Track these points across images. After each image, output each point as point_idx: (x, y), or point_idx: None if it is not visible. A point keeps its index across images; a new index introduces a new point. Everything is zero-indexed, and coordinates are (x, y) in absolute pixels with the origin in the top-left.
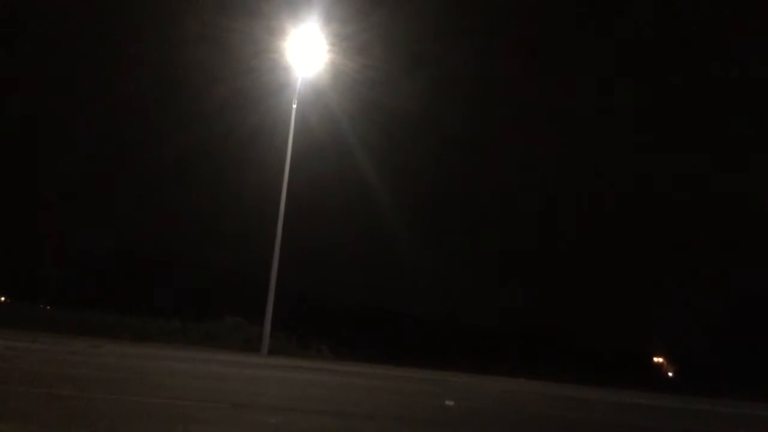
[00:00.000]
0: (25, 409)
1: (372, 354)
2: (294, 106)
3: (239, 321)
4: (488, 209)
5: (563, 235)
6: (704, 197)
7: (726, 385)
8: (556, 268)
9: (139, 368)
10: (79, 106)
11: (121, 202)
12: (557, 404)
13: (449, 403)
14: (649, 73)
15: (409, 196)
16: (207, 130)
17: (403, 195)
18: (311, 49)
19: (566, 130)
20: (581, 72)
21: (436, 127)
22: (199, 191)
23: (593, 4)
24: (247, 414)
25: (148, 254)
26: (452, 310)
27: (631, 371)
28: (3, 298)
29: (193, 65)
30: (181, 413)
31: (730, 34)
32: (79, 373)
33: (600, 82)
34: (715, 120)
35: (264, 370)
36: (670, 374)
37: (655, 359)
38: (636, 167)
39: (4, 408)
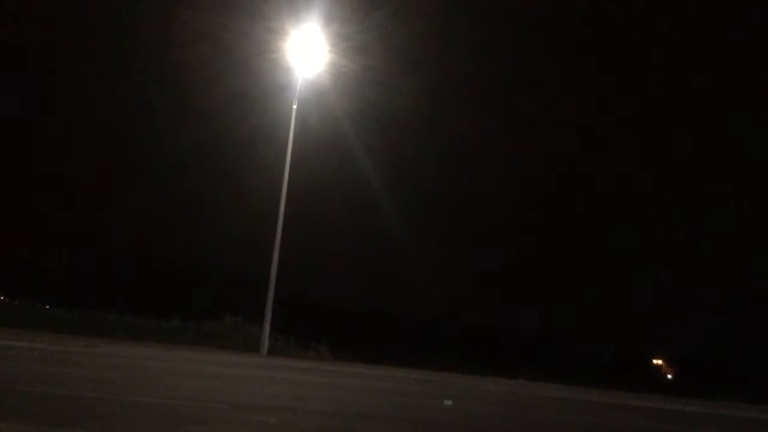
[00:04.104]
0: (24, 409)
1: (371, 354)
2: (294, 106)
3: (239, 321)
4: (488, 209)
5: (563, 236)
6: (703, 197)
7: (726, 387)
8: (555, 268)
9: (139, 368)
10: (79, 106)
11: (122, 201)
12: (555, 405)
13: (448, 402)
14: (650, 74)
15: (409, 196)
16: (207, 130)
17: (403, 195)
18: (311, 49)
19: (567, 130)
20: (582, 72)
21: (437, 128)
22: (199, 191)
23: (593, 4)
24: (246, 414)
25: (148, 254)
26: (451, 311)
27: (630, 373)
28: (2, 297)
29: (193, 66)
30: (181, 413)
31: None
32: (79, 372)
33: (601, 82)
34: (708, 125)
35: (263, 370)
36: (670, 376)
37: (655, 361)
38: (636, 167)
39: (4, 408)
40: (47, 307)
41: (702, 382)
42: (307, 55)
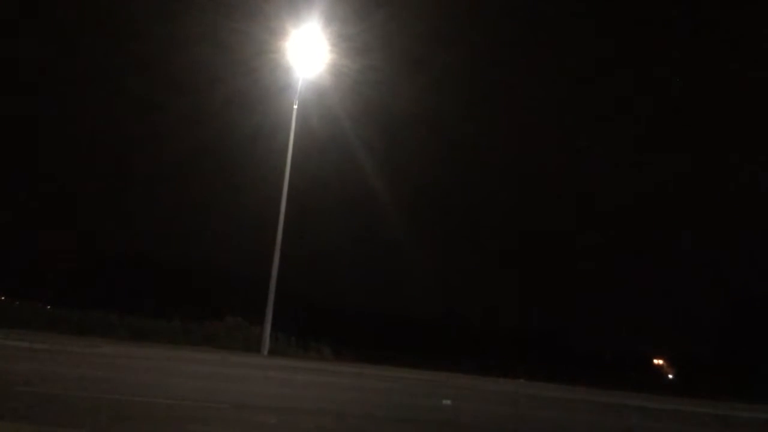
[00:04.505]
0: (24, 409)
1: (371, 354)
2: (295, 106)
3: (239, 321)
4: (488, 210)
5: (563, 236)
6: (703, 197)
7: (727, 386)
8: (556, 268)
9: (140, 368)
10: (80, 107)
11: (122, 202)
12: (557, 405)
13: (446, 402)
14: (650, 73)
15: (409, 196)
16: (208, 130)
17: (403, 195)
18: (312, 49)
19: (567, 130)
20: (582, 72)
21: (437, 128)
22: (200, 191)
23: (594, 4)
24: (247, 414)
25: (148, 254)
26: (452, 311)
27: (631, 373)
28: (3, 298)
29: (194, 66)
30: (182, 413)
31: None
32: (79, 372)
33: (602, 81)
34: (708, 121)
35: (264, 370)
36: (670, 376)
37: (655, 361)
38: (636, 168)
39: (4, 408)
40: (48, 307)
41: (703, 382)
42: (308, 55)
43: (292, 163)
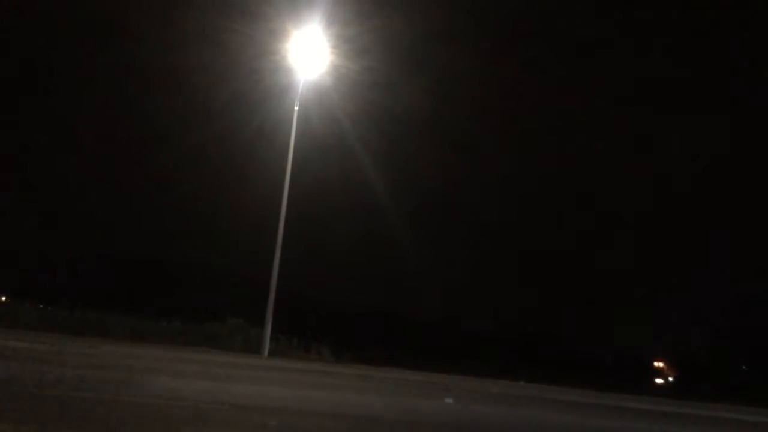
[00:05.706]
0: (24, 409)
1: (372, 356)
2: (296, 108)
3: (240, 323)
4: (490, 211)
5: (564, 238)
6: (704, 199)
7: (727, 389)
8: (557, 270)
9: (139, 369)
10: (80, 107)
11: (123, 202)
12: (557, 407)
13: (448, 400)
14: (650, 72)
15: (410, 197)
16: (209, 131)
17: (404, 197)
18: (313, 51)
19: (567, 130)
20: (583, 72)
21: (438, 129)
22: (201, 193)
23: (596, 4)
24: (247, 415)
25: (148, 255)
26: (453, 313)
27: (631, 375)
28: (3, 298)
29: (195, 67)
30: (182, 414)
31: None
32: (79, 373)
33: (605, 81)
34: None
35: (264, 372)
36: (671, 378)
37: (656, 363)
38: (636, 169)
39: (4, 408)
40: (49, 308)
41: (703, 384)
42: (309, 56)
43: (292, 164)
